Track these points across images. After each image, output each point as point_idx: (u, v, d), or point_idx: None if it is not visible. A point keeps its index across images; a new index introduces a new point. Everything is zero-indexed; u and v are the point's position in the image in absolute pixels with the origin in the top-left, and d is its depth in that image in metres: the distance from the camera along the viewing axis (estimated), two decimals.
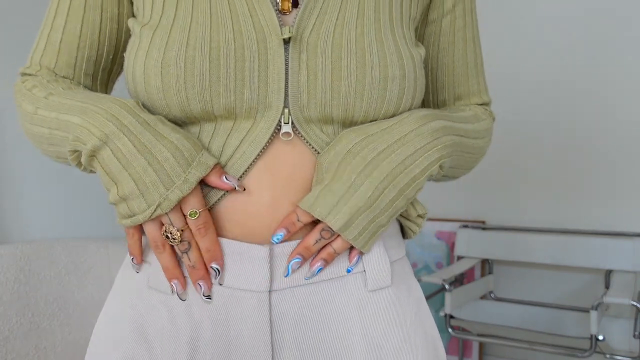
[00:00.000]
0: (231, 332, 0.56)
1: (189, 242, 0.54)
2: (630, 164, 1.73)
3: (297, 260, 0.55)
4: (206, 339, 0.56)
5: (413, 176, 0.56)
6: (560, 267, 1.79)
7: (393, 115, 0.58)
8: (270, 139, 0.55)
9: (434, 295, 1.76)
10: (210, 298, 0.55)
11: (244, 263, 0.56)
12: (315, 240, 0.55)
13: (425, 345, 0.61)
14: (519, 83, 1.87)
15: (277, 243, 0.55)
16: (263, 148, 0.55)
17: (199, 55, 0.53)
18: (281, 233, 0.55)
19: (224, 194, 0.56)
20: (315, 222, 0.56)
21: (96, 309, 1.46)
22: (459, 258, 1.84)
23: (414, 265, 1.99)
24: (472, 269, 1.86)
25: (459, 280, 1.82)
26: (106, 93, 0.68)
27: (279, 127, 0.56)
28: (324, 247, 0.56)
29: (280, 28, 0.55)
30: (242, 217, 0.56)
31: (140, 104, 0.55)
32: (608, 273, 1.66)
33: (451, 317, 1.58)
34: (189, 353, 0.56)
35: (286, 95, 0.55)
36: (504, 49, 1.88)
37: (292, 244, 0.56)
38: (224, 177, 0.54)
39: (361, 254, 0.58)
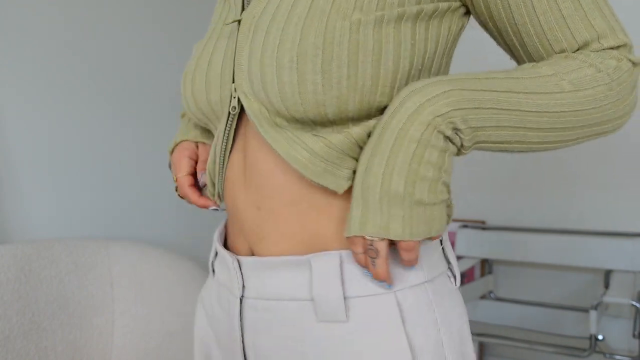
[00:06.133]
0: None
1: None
2: (630, 163, 1.73)
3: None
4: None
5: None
6: (559, 267, 1.79)
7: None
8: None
9: None
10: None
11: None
12: None
13: None
14: None
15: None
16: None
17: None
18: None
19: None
20: None
21: (96, 308, 1.47)
22: (459, 258, 1.85)
23: None
24: (471, 269, 1.87)
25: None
26: None
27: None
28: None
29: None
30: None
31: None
32: (607, 273, 1.66)
33: None
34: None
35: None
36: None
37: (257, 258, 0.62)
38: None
39: None
